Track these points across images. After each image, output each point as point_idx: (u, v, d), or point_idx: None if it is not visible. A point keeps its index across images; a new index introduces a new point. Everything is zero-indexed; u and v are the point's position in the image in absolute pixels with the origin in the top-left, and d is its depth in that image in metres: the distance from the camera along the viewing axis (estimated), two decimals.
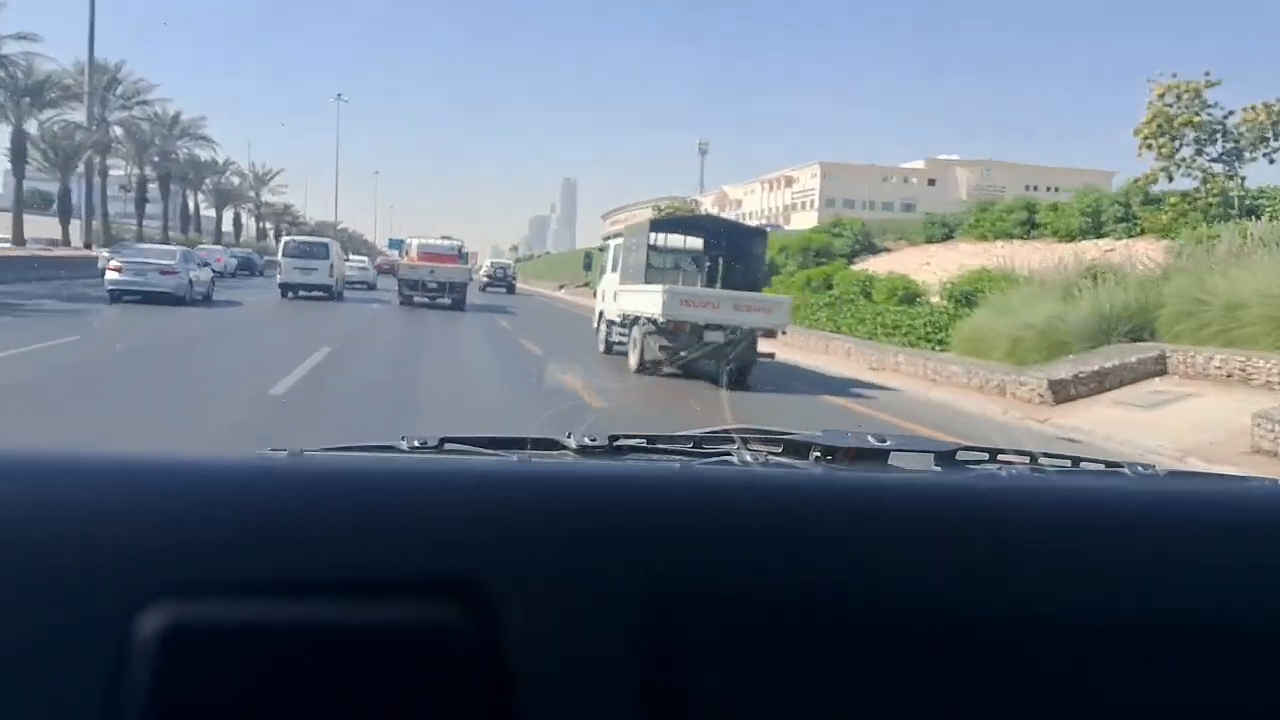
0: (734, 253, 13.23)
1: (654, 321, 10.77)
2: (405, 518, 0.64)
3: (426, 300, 22.14)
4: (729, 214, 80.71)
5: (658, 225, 14.04)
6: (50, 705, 0.57)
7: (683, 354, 10.71)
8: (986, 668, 0.66)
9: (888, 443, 1.09)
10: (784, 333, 11.55)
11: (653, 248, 12.76)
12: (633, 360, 11.41)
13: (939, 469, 1.07)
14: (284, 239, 27.04)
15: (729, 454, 1.08)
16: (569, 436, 1.10)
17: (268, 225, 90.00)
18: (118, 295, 17.77)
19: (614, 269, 13.69)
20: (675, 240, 13.68)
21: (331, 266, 24.37)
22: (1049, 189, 68.51)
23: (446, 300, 22.29)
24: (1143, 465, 1.12)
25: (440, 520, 0.64)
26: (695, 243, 13.72)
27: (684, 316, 10.60)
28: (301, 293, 23.14)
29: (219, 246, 42.91)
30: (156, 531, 0.61)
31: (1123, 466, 1.11)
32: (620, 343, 12.56)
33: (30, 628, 0.57)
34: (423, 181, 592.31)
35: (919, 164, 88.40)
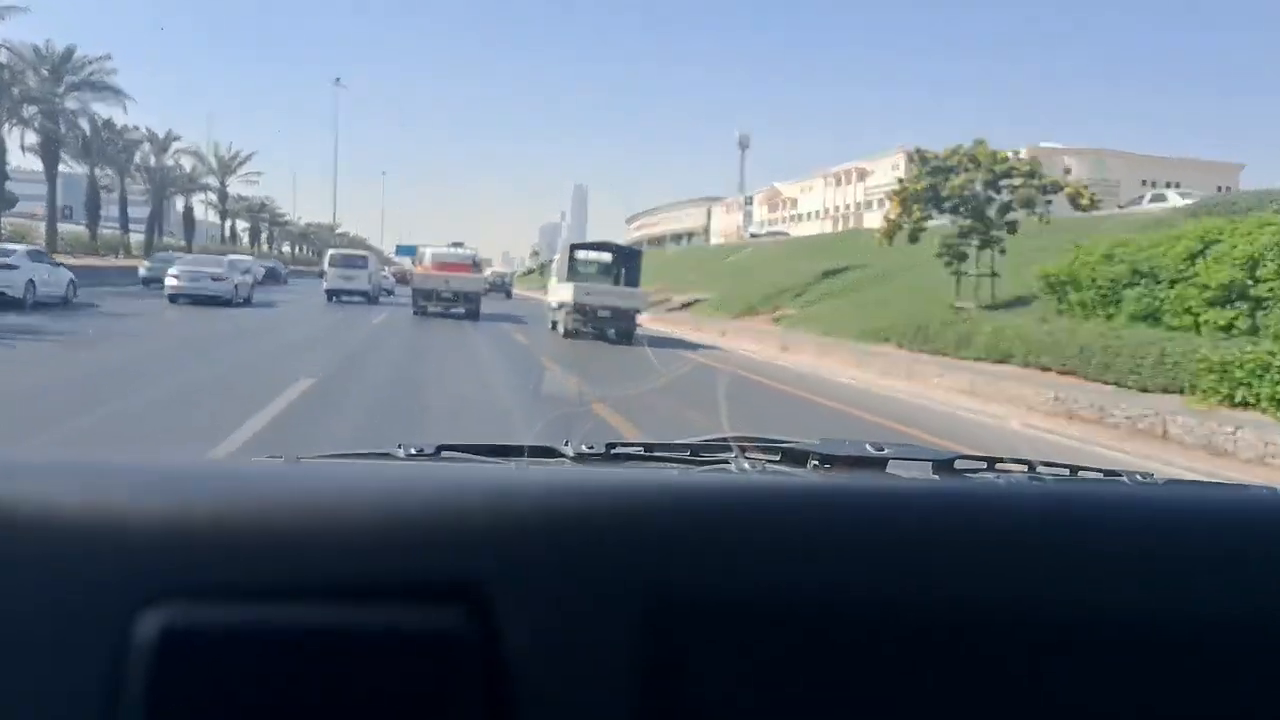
0: (626, 264, 22.30)
1: (570, 305, 19.46)
2: (402, 524, 0.67)
3: (440, 310, 24.08)
4: (783, 212, 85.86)
5: (577, 247, 23.61)
6: (48, 708, 0.61)
7: (587, 325, 19.28)
8: (985, 675, 0.70)
9: (886, 451, 1.12)
10: (642, 311, 20.83)
11: (575, 260, 22.30)
12: (560, 330, 20.22)
13: (937, 477, 1.11)
14: (330, 252, 35.09)
15: (727, 462, 1.12)
16: (566, 444, 1.15)
17: (239, 224, 73.97)
18: (175, 298, 23.60)
19: (555, 275, 22.99)
20: (592, 255, 23.08)
21: (369, 275, 31.24)
22: (1169, 184, 58.11)
23: (460, 310, 24.10)
24: (1141, 473, 1.15)
25: (437, 526, 0.67)
26: (605, 257, 23.05)
27: (585, 301, 19.31)
28: (344, 297, 29.82)
29: (249, 257, 41.95)
30: (154, 536, 0.64)
31: (1121, 475, 1.13)
32: (558, 320, 21.13)
33: (29, 630, 0.61)
34: (432, 187, 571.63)
35: (1019, 152, 74.15)
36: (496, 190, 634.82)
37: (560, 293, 20.46)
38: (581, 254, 22.66)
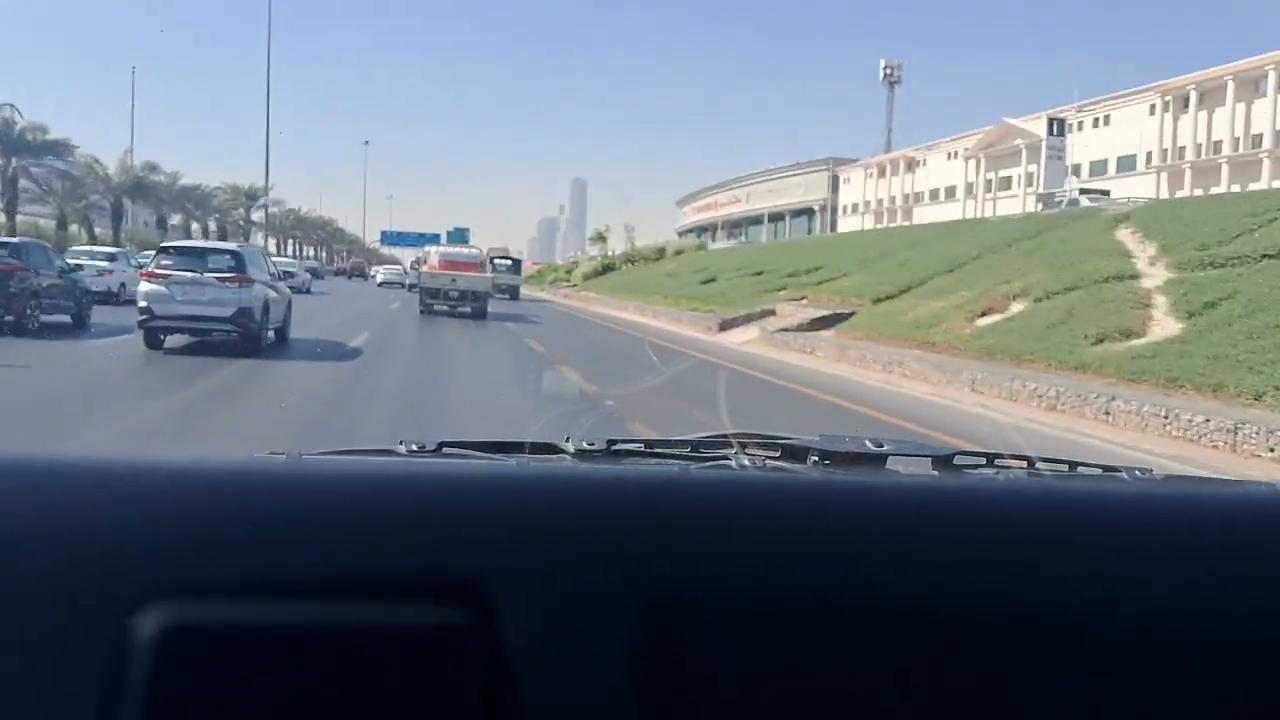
0: (516, 264, 47.12)
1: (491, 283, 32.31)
2: (404, 520, 0.68)
3: (447, 309, 24.77)
4: (1021, 168, 50.80)
5: (494, 256, 38.46)
6: (48, 705, 0.61)
7: (495, 293, 30.40)
8: (984, 670, 0.71)
9: (885, 447, 1.15)
10: (520, 286, 45.65)
11: (494, 262, 36.54)
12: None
13: (936, 473, 1.13)
14: (412, 259, 51.00)
15: (727, 458, 1.14)
16: (567, 440, 1.17)
17: None
18: None
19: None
20: (500, 260, 41.47)
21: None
22: None
23: (467, 309, 24.91)
24: (1140, 469, 1.17)
25: (439, 522, 0.69)
26: (508, 261, 44.24)
27: (495, 281, 32.35)
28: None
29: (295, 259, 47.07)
30: (155, 533, 0.65)
31: (1120, 470, 1.16)
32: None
33: (29, 628, 0.62)
34: (425, 179, 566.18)
35: None
36: (496, 183, 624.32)
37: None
38: (497, 260, 40.15)
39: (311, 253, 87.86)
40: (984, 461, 1.21)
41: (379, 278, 54.16)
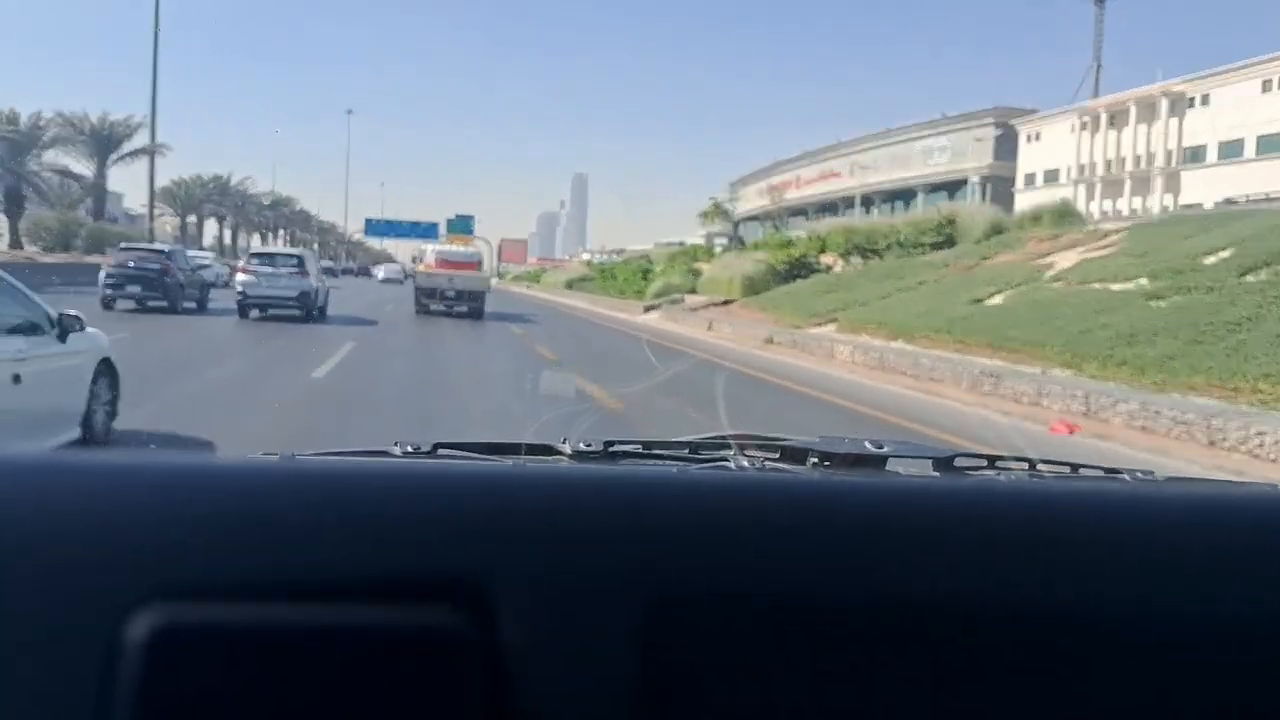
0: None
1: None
2: (399, 521, 0.69)
3: (443, 309, 24.83)
4: None
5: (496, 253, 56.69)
6: (42, 707, 0.62)
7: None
8: (984, 673, 0.71)
9: (885, 449, 1.15)
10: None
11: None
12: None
13: (937, 475, 1.14)
14: (413, 255, 51.67)
15: (726, 459, 1.15)
16: (564, 442, 1.18)
17: None
18: None
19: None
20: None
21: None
22: None
23: (464, 308, 24.75)
24: (1142, 471, 1.17)
25: (434, 523, 0.69)
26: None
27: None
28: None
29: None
30: (149, 533, 0.65)
31: (1122, 473, 1.16)
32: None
33: (22, 629, 0.62)
34: (418, 171, 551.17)
35: None
36: (494, 177, 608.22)
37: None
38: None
39: (258, 240, 77.60)
40: (985, 463, 1.21)
41: (380, 275, 62.55)
